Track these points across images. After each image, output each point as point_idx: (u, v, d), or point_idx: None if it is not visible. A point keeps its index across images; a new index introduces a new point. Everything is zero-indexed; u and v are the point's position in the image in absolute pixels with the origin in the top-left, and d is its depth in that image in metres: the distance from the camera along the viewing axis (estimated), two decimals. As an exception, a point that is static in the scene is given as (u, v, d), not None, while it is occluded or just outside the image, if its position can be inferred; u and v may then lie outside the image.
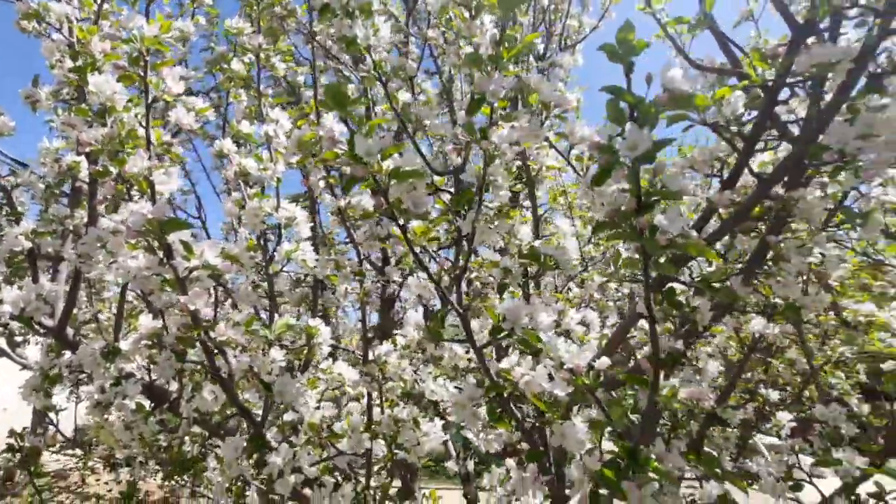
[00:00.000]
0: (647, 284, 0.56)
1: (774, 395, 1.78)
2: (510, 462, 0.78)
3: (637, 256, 0.57)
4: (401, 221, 0.64)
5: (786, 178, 1.11)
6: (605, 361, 0.64)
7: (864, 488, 1.21)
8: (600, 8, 2.49)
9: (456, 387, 1.16)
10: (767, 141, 1.28)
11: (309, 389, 1.33)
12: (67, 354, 1.66)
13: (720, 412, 1.85)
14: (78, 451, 3.44)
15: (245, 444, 0.95)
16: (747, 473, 1.70)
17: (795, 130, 1.03)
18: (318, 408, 1.29)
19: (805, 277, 1.68)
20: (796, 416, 1.80)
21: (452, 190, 1.00)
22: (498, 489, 1.14)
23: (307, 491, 1.05)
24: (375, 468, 1.66)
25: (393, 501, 1.18)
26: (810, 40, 0.97)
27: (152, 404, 1.48)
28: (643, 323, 1.22)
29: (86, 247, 1.23)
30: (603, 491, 0.66)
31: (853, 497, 1.13)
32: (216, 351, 0.98)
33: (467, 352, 1.21)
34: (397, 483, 1.63)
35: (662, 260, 1.07)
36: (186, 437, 1.85)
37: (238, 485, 1.53)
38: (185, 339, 0.87)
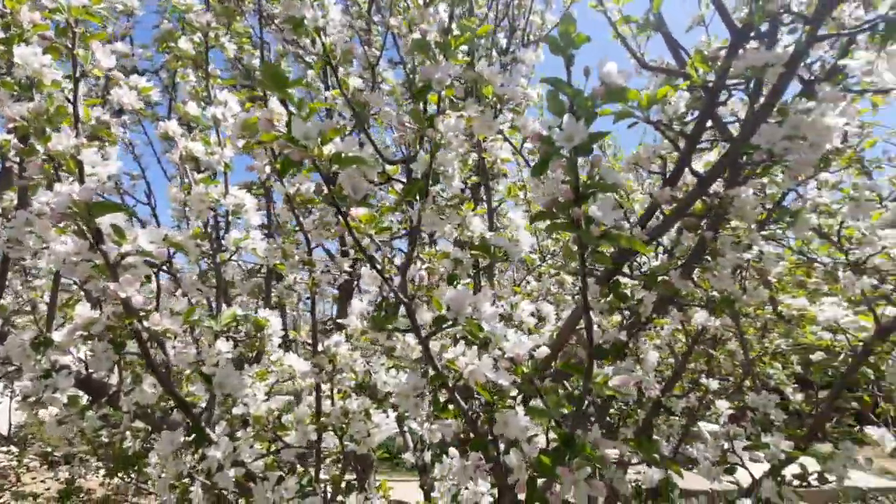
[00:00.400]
0: (584, 274, 0.57)
1: (714, 385, 1.88)
2: (453, 451, 0.78)
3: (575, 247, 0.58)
4: (342, 208, 0.63)
5: (727, 178, 1.17)
6: (543, 351, 0.65)
7: (791, 470, 1.30)
8: (563, 4, 2.52)
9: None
10: (713, 141, 1.34)
11: (257, 382, 1.29)
12: (-6, 346, 1.54)
13: (665, 401, 1.93)
14: (13, 449, 3.25)
15: (183, 438, 0.92)
16: (689, 458, 1.79)
17: (735, 132, 1.08)
18: (266, 400, 1.26)
19: (742, 272, 1.77)
20: (734, 404, 1.90)
21: (405, 180, 0.99)
22: (448, 479, 1.15)
23: (251, 485, 1.02)
24: (328, 461, 1.64)
25: (342, 493, 1.17)
26: (752, 45, 1.02)
27: (90, 398, 1.41)
28: (592, 315, 1.26)
29: (14, 231, 1.14)
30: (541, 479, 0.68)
31: (779, 478, 1.20)
32: (155, 342, 0.94)
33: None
34: (353, 476, 1.62)
35: (609, 252, 1.10)
36: (128, 433, 1.77)
37: (183, 481, 1.48)
38: (115, 329, 0.82)
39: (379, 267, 0.70)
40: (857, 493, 4.67)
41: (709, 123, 1.06)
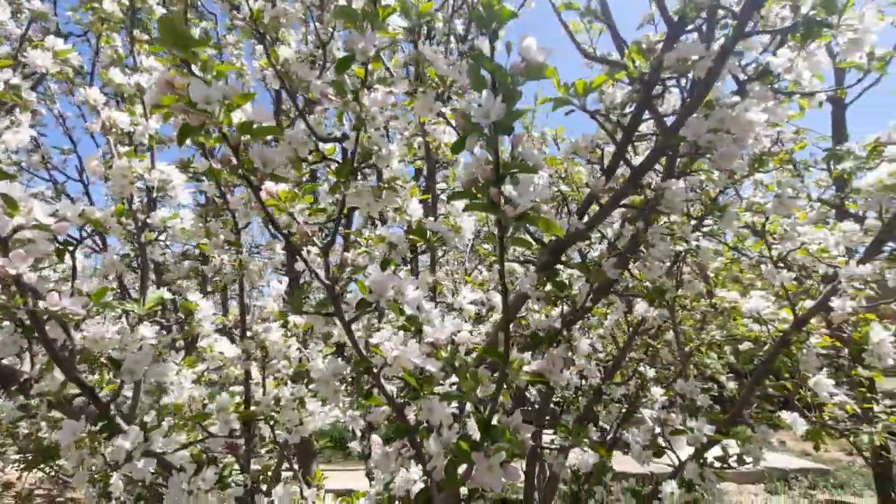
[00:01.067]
0: (502, 257, 0.56)
1: (651, 373, 1.95)
2: (375, 438, 0.76)
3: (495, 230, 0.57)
4: (254, 183, 0.59)
5: (664, 170, 1.19)
6: (464, 336, 0.64)
7: (717, 452, 1.37)
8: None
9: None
10: (655, 135, 1.37)
11: (185, 369, 1.23)
12: None
13: (605, 388, 1.99)
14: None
15: (87, 427, 0.85)
16: (627, 443, 1.85)
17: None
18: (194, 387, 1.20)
19: (679, 266, 1.83)
20: (668, 392, 1.99)
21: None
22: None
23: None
24: (263, 451, 1.59)
25: (270, 484, 1.13)
26: (693, 39, 1.04)
27: (-2, 387, 1.30)
28: (530, 303, 1.27)
29: None
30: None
31: (702, 460, 1.26)
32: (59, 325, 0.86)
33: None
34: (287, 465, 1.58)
35: (549, 240, 1.09)
36: (44, 423, 1.65)
37: (105, 472, 1.40)
38: (5, 309, 0.75)
39: (296, 246, 0.67)
40: (780, 474, 5.05)
41: (649, 116, 1.07)
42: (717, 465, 1.30)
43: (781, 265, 1.90)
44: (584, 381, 2.08)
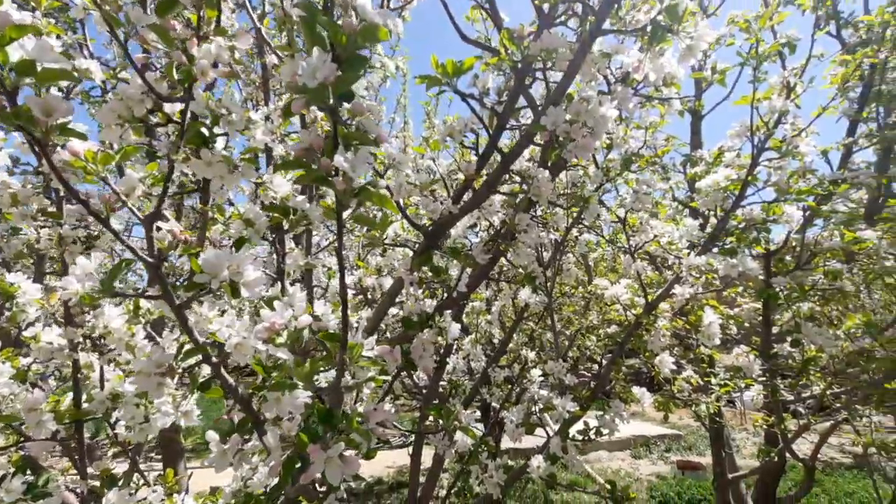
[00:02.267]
0: (340, 234, 0.52)
1: (532, 355, 2.06)
2: (211, 434, 0.70)
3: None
4: (38, 136, 0.49)
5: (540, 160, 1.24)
6: (305, 320, 0.59)
7: (580, 427, 1.48)
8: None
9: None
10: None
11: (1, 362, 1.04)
12: None
13: (490, 371, 2.06)
14: None
15: None
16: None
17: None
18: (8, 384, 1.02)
19: (559, 255, 1.93)
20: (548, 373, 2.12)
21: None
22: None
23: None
24: (110, 452, 1.42)
25: (103, 489, 0.99)
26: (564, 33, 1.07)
27: None
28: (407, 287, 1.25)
29: None
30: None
31: (566, 434, 1.35)
32: None
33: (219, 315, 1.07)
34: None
35: (427, 225, 1.07)
36: None
37: None
38: None
39: (102, 216, 0.57)
40: (643, 440, 5.75)
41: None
42: (580, 438, 1.41)
43: (646, 256, 2.08)
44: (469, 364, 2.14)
